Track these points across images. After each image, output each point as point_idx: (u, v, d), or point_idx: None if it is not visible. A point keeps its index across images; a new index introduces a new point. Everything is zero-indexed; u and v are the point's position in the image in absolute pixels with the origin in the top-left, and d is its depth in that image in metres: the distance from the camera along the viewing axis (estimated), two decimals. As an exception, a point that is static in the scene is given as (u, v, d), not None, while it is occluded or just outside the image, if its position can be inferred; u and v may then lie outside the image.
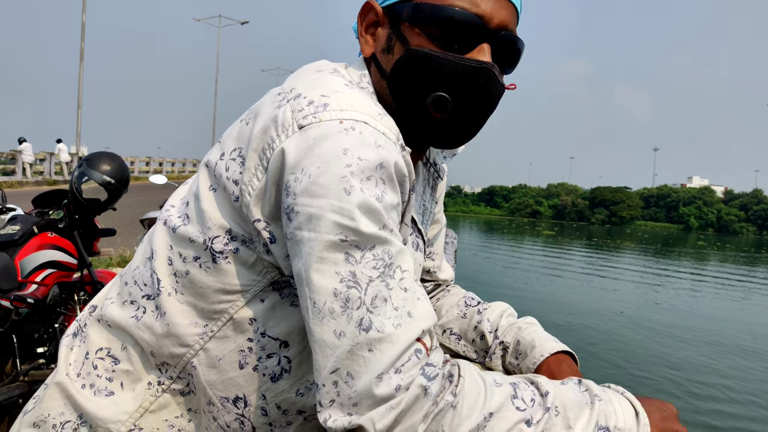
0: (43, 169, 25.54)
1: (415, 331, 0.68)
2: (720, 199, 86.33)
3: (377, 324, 0.66)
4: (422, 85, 0.83)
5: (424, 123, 0.85)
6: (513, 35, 0.86)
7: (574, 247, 39.62)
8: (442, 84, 0.82)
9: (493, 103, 0.87)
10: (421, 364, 0.67)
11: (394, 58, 0.86)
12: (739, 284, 24.47)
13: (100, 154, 2.97)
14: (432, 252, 1.21)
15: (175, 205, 0.89)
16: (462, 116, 0.85)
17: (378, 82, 0.89)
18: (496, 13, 0.83)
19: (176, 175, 36.48)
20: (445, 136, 0.87)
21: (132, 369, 0.86)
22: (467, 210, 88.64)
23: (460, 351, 1.16)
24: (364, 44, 0.91)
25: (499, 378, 0.74)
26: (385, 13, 0.88)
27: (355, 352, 0.66)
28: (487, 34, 0.83)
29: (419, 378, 0.66)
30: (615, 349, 10.75)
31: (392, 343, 0.66)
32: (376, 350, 0.66)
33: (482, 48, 0.83)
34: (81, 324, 0.94)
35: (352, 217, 0.68)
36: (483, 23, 0.82)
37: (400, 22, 0.86)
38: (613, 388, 0.80)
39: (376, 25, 0.90)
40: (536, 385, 0.75)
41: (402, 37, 0.85)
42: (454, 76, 0.82)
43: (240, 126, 0.82)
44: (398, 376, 0.65)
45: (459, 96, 0.83)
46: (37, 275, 2.73)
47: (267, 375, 0.85)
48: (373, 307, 0.67)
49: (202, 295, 0.82)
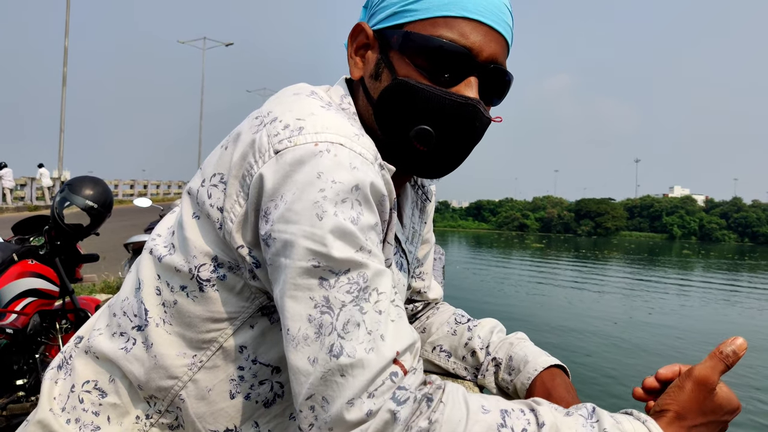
0: (24, 195, 25.26)
1: (389, 354, 0.66)
2: (701, 207, 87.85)
3: (348, 349, 0.65)
4: (407, 117, 0.83)
5: (407, 154, 0.85)
6: (502, 68, 0.85)
7: (565, 259, 39.95)
8: (426, 117, 0.82)
9: (477, 137, 0.87)
10: (394, 388, 0.65)
11: (382, 85, 0.85)
12: (739, 290, 24.76)
13: (83, 178, 2.93)
14: (422, 272, 1.21)
15: (162, 234, 0.88)
16: (445, 149, 0.85)
17: (365, 106, 0.89)
18: (485, 46, 0.82)
19: (161, 198, 36.28)
20: (427, 167, 0.87)
21: (119, 402, 0.84)
22: (455, 225, 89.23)
23: (450, 368, 1.15)
24: (353, 66, 0.91)
25: (489, 404, 0.69)
26: (376, 36, 0.88)
27: (328, 378, 0.65)
28: (476, 67, 0.82)
29: (388, 402, 0.65)
30: (614, 360, 10.76)
31: (364, 367, 0.65)
32: (348, 375, 0.65)
33: (470, 81, 0.83)
34: (66, 356, 0.92)
35: (324, 243, 0.68)
36: (472, 56, 0.81)
37: (390, 49, 0.85)
38: (635, 415, 0.72)
39: (366, 47, 0.90)
40: (535, 413, 0.70)
41: (390, 65, 0.85)
42: (439, 110, 0.81)
43: (220, 152, 0.81)
44: (371, 401, 0.64)
45: (443, 130, 0.82)
46: (16, 304, 2.67)
47: (260, 402, 0.84)
48: (345, 332, 0.66)
49: (191, 324, 0.81)
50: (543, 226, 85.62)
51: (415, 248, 1.10)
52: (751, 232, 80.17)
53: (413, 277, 1.19)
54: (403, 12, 0.84)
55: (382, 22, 0.87)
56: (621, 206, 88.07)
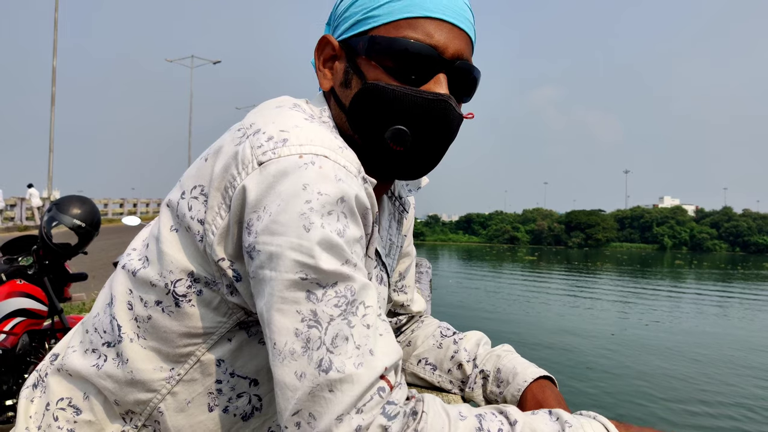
0: (14, 215, 25.03)
1: (378, 369, 0.66)
2: (692, 217, 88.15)
3: (337, 364, 0.65)
4: (380, 119, 0.83)
5: (385, 156, 0.85)
6: (468, 64, 0.86)
7: (558, 271, 39.86)
8: (399, 117, 0.82)
9: (452, 133, 0.88)
10: (383, 403, 0.66)
11: (352, 92, 0.86)
12: (736, 300, 24.82)
13: (70, 197, 2.94)
14: (404, 285, 1.21)
15: (137, 248, 0.87)
16: (421, 148, 0.85)
17: (338, 115, 0.89)
18: (450, 43, 0.83)
19: (151, 216, 36.02)
20: (406, 168, 0.87)
21: (94, 419, 0.83)
22: (445, 238, 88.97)
23: (435, 382, 1.15)
24: (322, 78, 0.91)
25: (465, 410, 0.72)
26: (342, 47, 0.88)
27: (316, 394, 0.65)
28: (443, 65, 0.83)
29: (379, 417, 0.65)
30: (611, 374, 10.71)
31: (353, 383, 0.64)
32: (336, 391, 0.64)
33: (438, 78, 0.83)
34: (41, 374, 0.91)
35: (312, 255, 0.67)
36: (438, 54, 0.82)
37: (357, 56, 0.86)
38: (585, 414, 0.79)
39: (334, 59, 0.90)
40: (505, 414, 0.74)
41: (359, 71, 0.85)
42: (411, 108, 0.82)
43: (200, 164, 0.81)
44: (359, 417, 0.64)
45: (417, 128, 0.83)
46: (5, 324, 2.66)
47: (238, 415, 0.83)
48: (334, 347, 0.65)
49: (166, 339, 0.80)
50: (533, 238, 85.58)
51: (393, 261, 1.11)
52: (742, 241, 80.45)
53: (396, 291, 1.20)
54: (366, 19, 0.85)
55: (347, 32, 0.87)
56: (611, 217, 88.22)
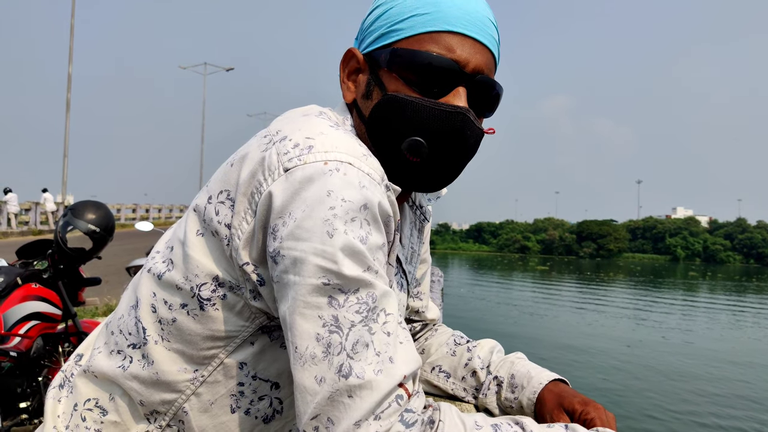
0: (28, 219, 25.33)
1: (397, 376, 0.67)
2: (705, 229, 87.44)
3: (357, 370, 0.65)
4: (398, 130, 0.84)
5: (401, 167, 0.86)
6: (489, 79, 0.86)
7: (572, 282, 39.69)
8: (416, 129, 0.83)
9: (470, 147, 0.88)
10: (401, 411, 0.66)
11: (373, 103, 0.87)
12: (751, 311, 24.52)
13: (85, 203, 2.97)
14: (420, 292, 1.22)
15: (160, 251, 0.88)
16: (438, 160, 0.85)
17: (358, 126, 0.90)
18: (471, 57, 0.84)
19: (163, 222, 36.31)
20: (422, 180, 0.88)
21: (120, 420, 0.85)
22: (456, 247, 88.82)
23: (449, 389, 1.16)
24: (345, 90, 0.93)
25: (480, 420, 0.73)
26: (366, 59, 0.90)
27: (335, 399, 0.65)
28: (463, 78, 0.84)
29: (397, 425, 0.65)
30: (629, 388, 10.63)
31: (372, 389, 0.65)
32: (356, 396, 0.65)
33: (458, 92, 0.84)
34: (67, 374, 0.93)
35: (335, 260, 0.68)
36: (459, 68, 0.83)
37: (379, 68, 0.87)
38: (602, 431, 0.79)
39: (358, 71, 0.92)
40: (521, 425, 0.74)
41: (380, 83, 0.86)
42: (428, 120, 0.82)
43: (226, 169, 0.82)
44: (377, 423, 0.64)
45: (434, 140, 0.83)
46: (20, 327, 2.68)
47: (259, 417, 0.85)
48: (354, 353, 0.66)
49: (191, 342, 0.81)
50: (544, 248, 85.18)
51: (413, 268, 1.12)
52: (756, 253, 79.64)
53: (411, 297, 1.20)
54: (390, 32, 0.86)
55: (372, 45, 0.89)
56: (623, 228, 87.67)
